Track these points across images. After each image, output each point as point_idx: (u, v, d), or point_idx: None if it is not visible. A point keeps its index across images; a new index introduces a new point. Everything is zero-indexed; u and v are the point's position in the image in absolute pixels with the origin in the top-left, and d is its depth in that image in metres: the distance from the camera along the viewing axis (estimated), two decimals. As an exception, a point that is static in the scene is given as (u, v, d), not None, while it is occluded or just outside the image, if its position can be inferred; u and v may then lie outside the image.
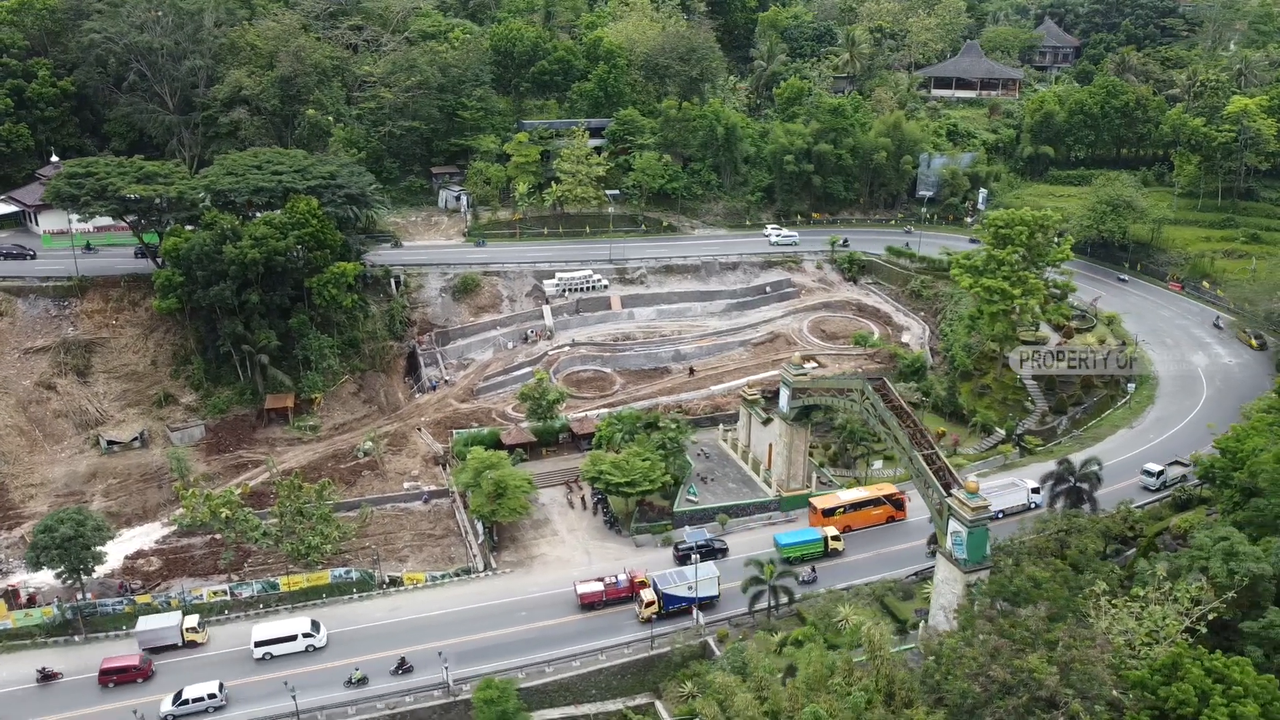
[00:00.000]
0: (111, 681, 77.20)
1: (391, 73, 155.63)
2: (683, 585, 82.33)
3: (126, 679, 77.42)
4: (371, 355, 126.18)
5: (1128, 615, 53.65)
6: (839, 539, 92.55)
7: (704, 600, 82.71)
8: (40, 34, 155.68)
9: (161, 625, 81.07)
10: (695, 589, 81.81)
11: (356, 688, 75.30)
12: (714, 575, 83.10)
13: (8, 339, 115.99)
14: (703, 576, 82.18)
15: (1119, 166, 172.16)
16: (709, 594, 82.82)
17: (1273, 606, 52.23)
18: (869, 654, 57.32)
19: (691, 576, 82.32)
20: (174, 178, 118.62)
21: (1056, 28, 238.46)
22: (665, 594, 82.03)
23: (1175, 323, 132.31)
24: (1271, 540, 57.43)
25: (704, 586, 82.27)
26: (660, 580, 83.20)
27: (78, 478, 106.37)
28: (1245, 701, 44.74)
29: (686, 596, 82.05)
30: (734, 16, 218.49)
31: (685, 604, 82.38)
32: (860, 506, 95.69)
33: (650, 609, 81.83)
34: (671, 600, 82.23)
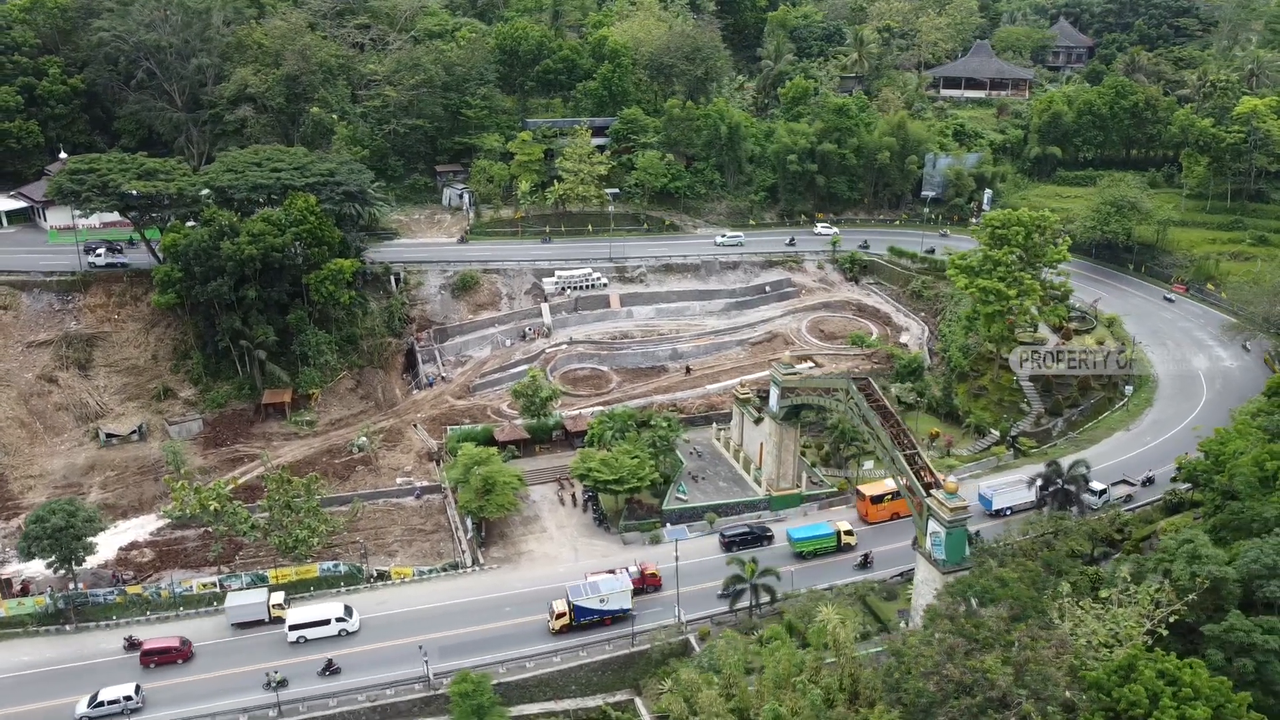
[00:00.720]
0: (153, 662, 78.63)
1: (396, 71, 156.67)
2: (595, 598, 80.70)
3: (167, 660, 78.84)
4: (370, 351, 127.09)
5: (1091, 617, 53.41)
6: (851, 533, 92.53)
7: (616, 614, 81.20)
8: (52, 32, 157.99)
9: (249, 602, 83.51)
10: (606, 601, 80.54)
11: (275, 690, 74.09)
12: (626, 589, 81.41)
13: (11, 332, 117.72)
14: (615, 589, 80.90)
15: (1128, 168, 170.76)
16: (621, 607, 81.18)
17: (1235, 610, 51.84)
18: (833, 653, 57.29)
19: (604, 589, 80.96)
20: (175, 174, 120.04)
21: (1070, 27, 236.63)
22: (577, 606, 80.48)
23: (1178, 325, 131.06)
24: (1244, 543, 56.93)
25: (617, 600, 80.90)
26: (572, 592, 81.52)
27: (76, 470, 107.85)
28: (1195, 704, 44.46)
29: (598, 609, 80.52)
30: (744, 16, 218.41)
31: (597, 616, 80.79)
32: (896, 496, 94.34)
33: (561, 620, 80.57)
34: (583, 613, 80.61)
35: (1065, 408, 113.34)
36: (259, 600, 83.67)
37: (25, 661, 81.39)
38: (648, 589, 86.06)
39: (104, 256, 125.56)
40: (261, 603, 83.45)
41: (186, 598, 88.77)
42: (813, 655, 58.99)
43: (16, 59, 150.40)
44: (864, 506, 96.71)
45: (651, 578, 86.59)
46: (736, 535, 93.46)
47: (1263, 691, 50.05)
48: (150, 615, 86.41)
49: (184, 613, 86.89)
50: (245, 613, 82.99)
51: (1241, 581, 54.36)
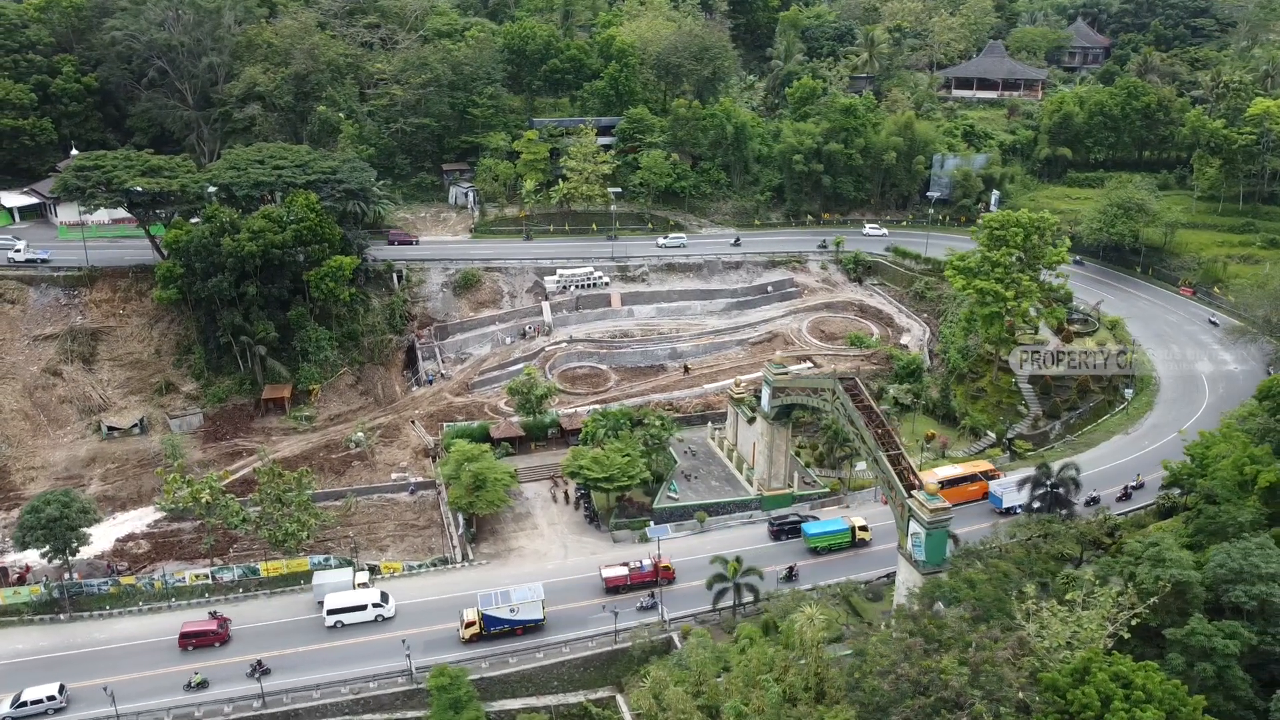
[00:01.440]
0: (190, 645, 79.95)
1: (404, 70, 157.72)
2: (505, 607, 79.71)
3: (204, 643, 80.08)
4: (371, 348, 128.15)
5: (1056, 620, 53.07)
6: (866, 529, 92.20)
7: (527, 624, 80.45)
8: (67, 31, 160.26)
9: (335, 581, 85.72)
10: (517, 611, 79.82)
11: (195, 691, 74.89)
12: (539, 599, 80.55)
13: (18, 326, 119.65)
14: (527, 599, 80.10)
15: (1140, 169, 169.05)
16: (533, 617, 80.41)
17: (1197, 614, 51.29)
18: (800, 652, 57.26)
19: (515, 599, 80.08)
20: (179, 172, 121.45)
21: (1087, 28, 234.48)
22: (487, 615, 79.56)
23: (1183, 328, 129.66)
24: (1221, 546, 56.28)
25: (528, 610, 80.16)
26: (483, 601, 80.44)
27: (77, 462, 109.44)
28: (1146, 707, 44.05)
29: (509, 619, 79.73)
30: (756, 16, 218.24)
31: (508, 626, 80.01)
32: (957, 483, 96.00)
33: (471, 629, 79.74)
34: (493, 622, 79.80)
35: (1063, 410, 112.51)
36: (344, 580, 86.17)
37: (19, 650, 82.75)
38: (660, 582, 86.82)
39: (23, 253, 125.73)
40: (347, 582, 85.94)
41: (179, 589, 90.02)
42: (781, 654, 58.95)
43: (31, 57, 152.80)
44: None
45: (665, 570, 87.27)
46: (784, 524, 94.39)
47: (1224, 696, 49.57)
48: (142, 606, 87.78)
49: (175, 604, 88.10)
50: (331, 590, 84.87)
51: (1210, 585, 53.81)
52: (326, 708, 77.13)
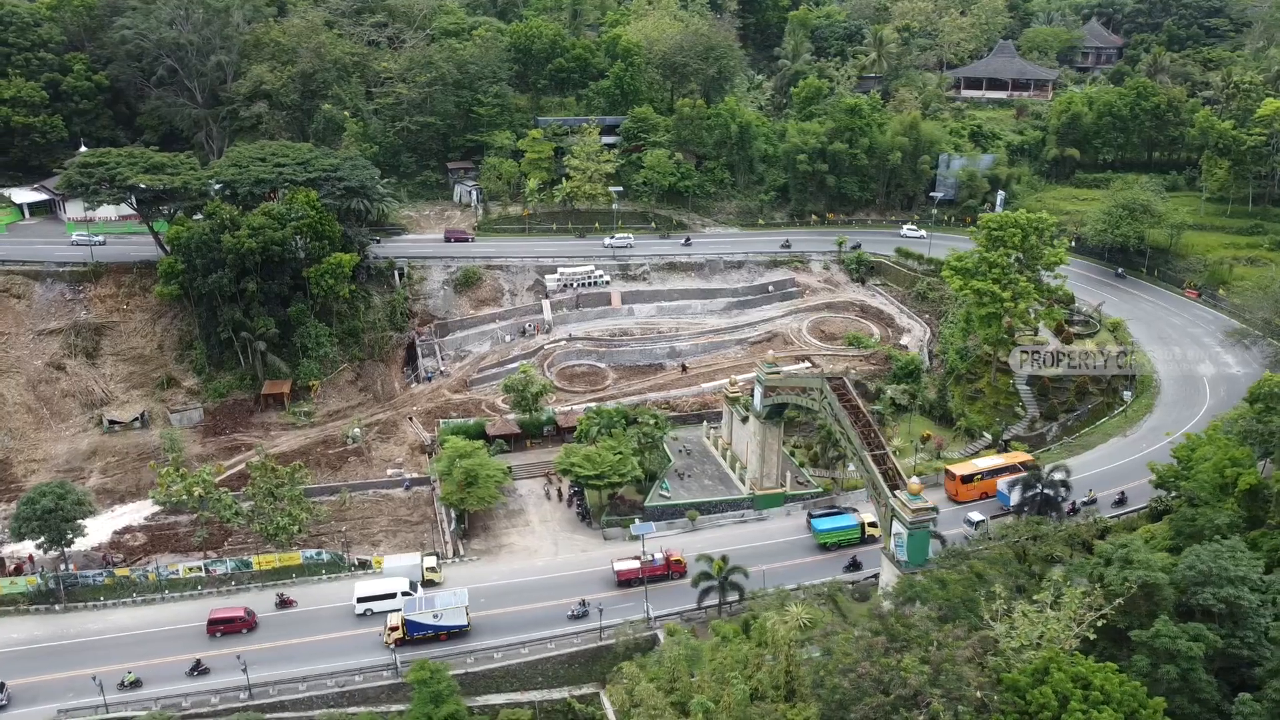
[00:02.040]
0: (219, 631, 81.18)
1: (409, 69, 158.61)
2: (429, 613, 79.47)
3: (232, 629, 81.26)
4: (371, 345, 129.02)
5: (1025, 620, 52.88)
6: (875, 525, 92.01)
7: (451, 629, 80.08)
8: (79, 30, 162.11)
9: (404, 565, 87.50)
10: (440, 617, 79.67)
11: (129, 690, 75.02)
12: (462, 605, 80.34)
13: (24, 321, 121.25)
14: (450, 605, 79.92)
15: (1150, 170, 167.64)
16: (457, 623, 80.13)
17: (1163, 616, 50.94)
18: (772, 650, 57.34)
19: (439, 604, 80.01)
20: (181, 169, 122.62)
21: (1100, 28, 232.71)
22: (409, 620, 79.39)
23: (1187, 331, 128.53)
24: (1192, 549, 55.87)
25: (451, 616, 79.87)
26: (407, 606, 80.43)
27: (79, 455, 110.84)
28: (1104, 708, 43.86)
29: (432, 625, 79.46)
30: (766, 15, 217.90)
31: (431, 631, 79.62)
32: (997, 473, 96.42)
33: (395, 634, 79.57)
34: (415, 627, 79.52)
35: (1061, 412, 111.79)
36: (413, 564, 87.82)
37: (14, 639, 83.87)
38: (672, 575, 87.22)
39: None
40: (416, 565, 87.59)
41: (172, 581, 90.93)
42: (754, 652, 59.08)
43: (43, 56, 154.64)
44: (954, 486, 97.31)
45: (676, 564, 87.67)
46: (826, 514, 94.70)
47: (1189, 699, 49.25)
48: (136, 598, 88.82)
49: (169, 595, 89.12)
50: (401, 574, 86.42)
51: (1182, 588, 53.43)
52: (312, 700, 77.74)
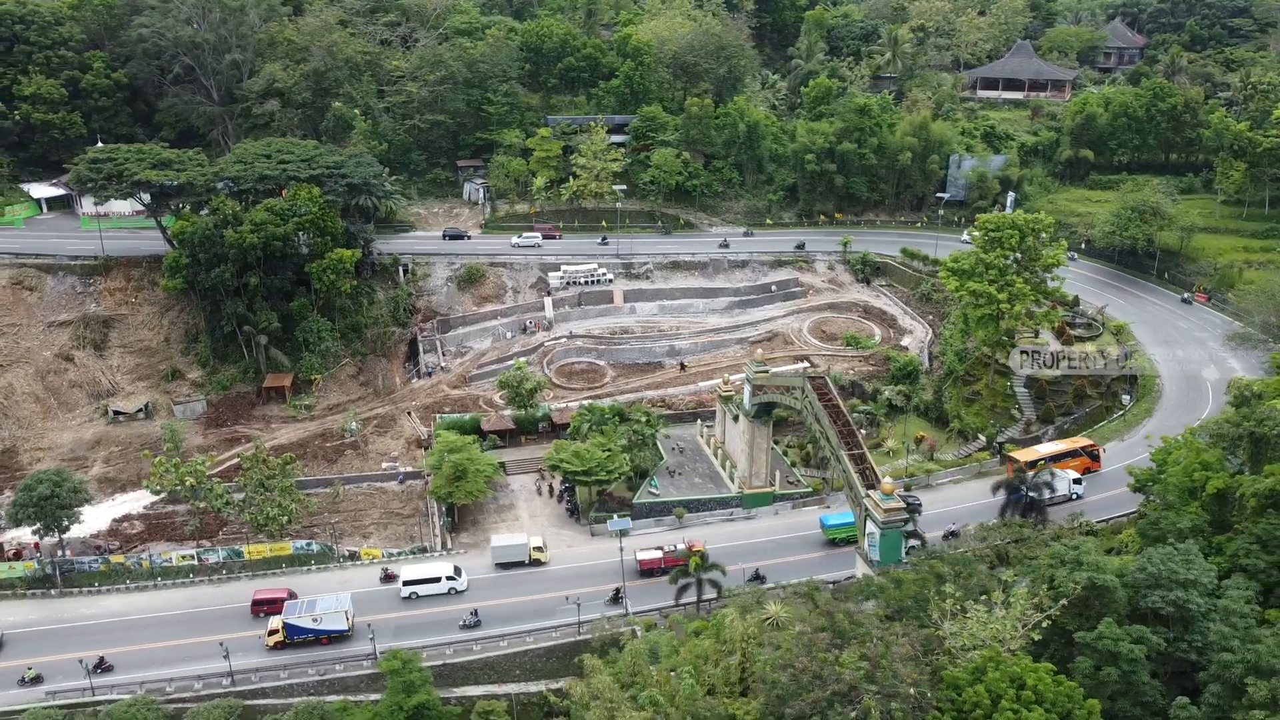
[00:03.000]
0: (262, 611, 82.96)
1: (419, 67, 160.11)
2: (308, 617, 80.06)
3: (275, 610, 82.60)
4: (374, 340, 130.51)
5: (975, 620, 52.70)
6: None
7: (331, 634, 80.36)
8: (99, 28, 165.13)
9: (512, 544, 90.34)
10: (319, 622, 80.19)
11: (29, 687, 75.71)
12: (341, 610, 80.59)
13: (35, 312, 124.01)
14: (329, 610, 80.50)
15: (1166, 172, 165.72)
16: (336, 628, 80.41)
17: (1107, 618, 50.51)
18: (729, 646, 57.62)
19: (319, 609, 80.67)
20: (189, 165, 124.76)
21: (1123, 28, 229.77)
22: (288, 624, 79.76)
23: (1193, 334, 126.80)
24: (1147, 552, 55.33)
25: (331, 620, 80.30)
26: (287, 609, 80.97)
27: (83, 444, 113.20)
28: (1035, 708, 43.64)
29: (311, 629, 79.92)
30: (783, 15, 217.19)
31: (311, 635, 80.00)
32: (1059, 459, 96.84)
33: (275, 637, 79.97)
34: (295, 631, 79.86)
35: (1058, 415, 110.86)
36: (521, 543, 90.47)
37: (10, 621, 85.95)
38: None
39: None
40: (523, 544, 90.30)
41: (166, 569, 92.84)
42: (713, 648, 59.34)
43: (63, 54, 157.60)
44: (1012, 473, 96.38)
45: (699, 554, 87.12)
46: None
47: (1131, 701, 48.84)
48: (130, 584, 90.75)
49: (161, 583, 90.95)
50: (508, 554, 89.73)
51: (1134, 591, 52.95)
52: (293, 688, 79.06)
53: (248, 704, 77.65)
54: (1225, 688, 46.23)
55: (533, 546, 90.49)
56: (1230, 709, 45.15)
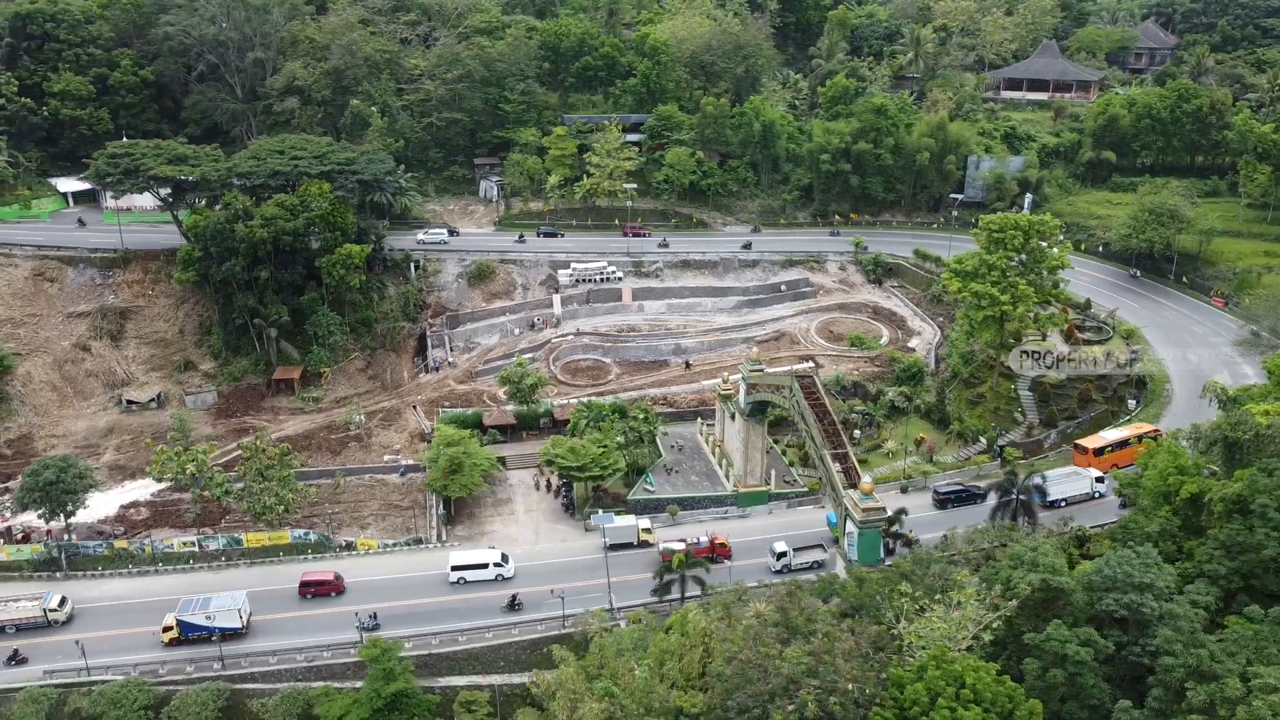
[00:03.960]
0: (310, 593, 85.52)
1: (437, 66, 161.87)
2: (201, 614, 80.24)
3: (322, 592, 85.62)
4: (383, 335, 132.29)
5: (932, 619, 52.47)
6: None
7: (224, 631, 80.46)
8: (128, 27, 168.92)
9: (623, 525, 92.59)
10: (213, 619, 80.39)
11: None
12: (236, 608, 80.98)
13: (55, 303, 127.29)
14: (223, 608, 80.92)
15: (1191, 174, 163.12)
16: (230, 625, 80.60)
17: (1056, 620, 49.98)
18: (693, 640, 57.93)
19: (213, 606, 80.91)
20: (203, 160, 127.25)
21: (1156, 28, 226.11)
22: (182, 621, 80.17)
23: (1207, 339, 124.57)
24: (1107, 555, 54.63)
25: (225, 618, 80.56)
26: (181, 606, 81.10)
27: (96, 432, 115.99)
28: (972, 707, 43.39)
29: (204, 626, 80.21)
30: (807, 15, 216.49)
31: (205, 633, 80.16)
32: (1124, 445, 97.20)
33: (169, 634, 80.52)
34: (189, 628, 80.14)
35: (1061, 419, 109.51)
36: (630, 524, 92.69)
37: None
38: (717, 559, 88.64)
39: None
40: (633, 526, 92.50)
41: (167, 554, 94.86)
42: (678, 642, 59.71)
43: (92, 52, 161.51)
44: (1085, 460, 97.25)
45: (721, 548, 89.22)
46: (950, 492, 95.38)
47: (1080, 704, 48.34)
48: (132, 569, 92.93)
49: (163, 568, 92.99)
50: (619, 534, 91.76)
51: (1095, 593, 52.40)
52: (281, 673, 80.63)
53: (236, 688, 79.54)
54: (1167, 691, 45.72)
55: (641, 528, 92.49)
56: (1172, 713, 44.66)
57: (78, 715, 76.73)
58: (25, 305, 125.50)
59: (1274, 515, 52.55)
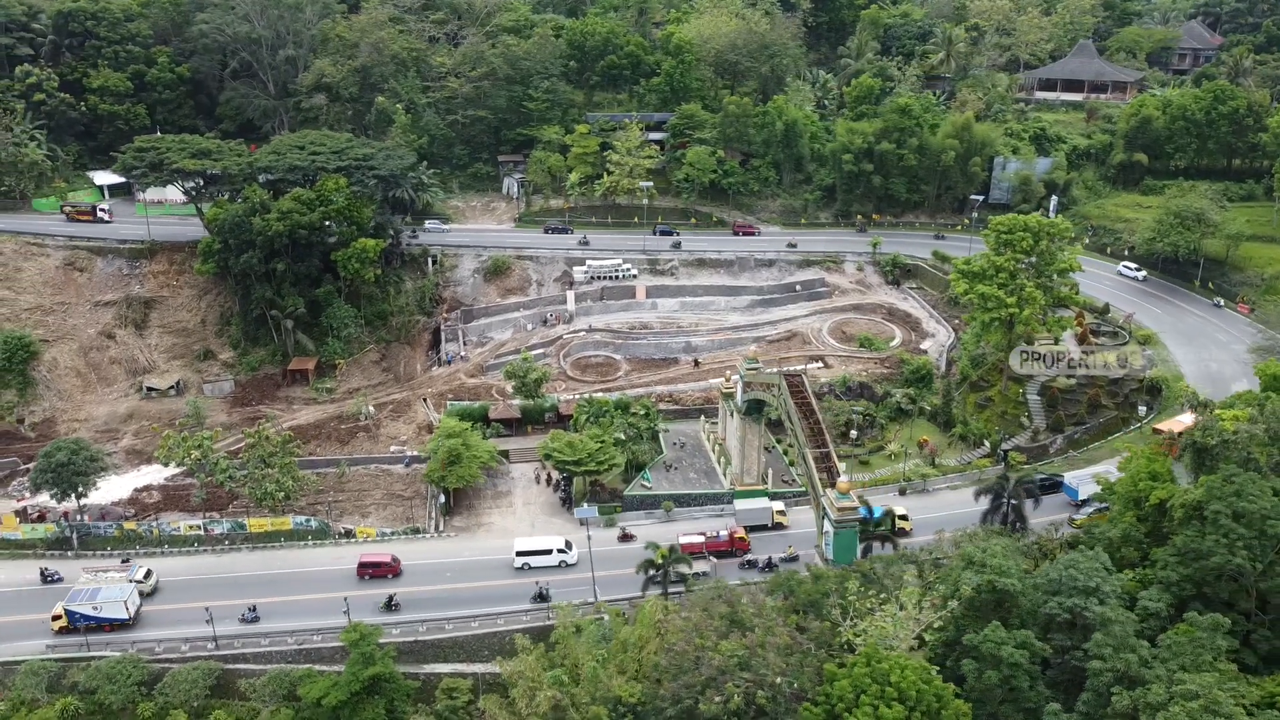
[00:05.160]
0: (368, 574, 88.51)
1: (461, 64, 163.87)
2: (89, 605, 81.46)
3: (379, 574, 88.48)
4: (399, 328, 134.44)
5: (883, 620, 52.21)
6: (906, 518, 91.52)
7: (112, 621, 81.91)
8: (166, 25, 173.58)
9: (757, 507, 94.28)
10: (100, 610, 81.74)
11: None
12: (121, 599, 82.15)
13: (84, 292, 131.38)
14: (112, 598, 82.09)
15: (1227, 178, 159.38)
16: (116, 616, 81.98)
17: (995, 622, 49.39)
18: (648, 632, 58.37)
19: (100, 597, 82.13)
20: (226, 155, 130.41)
21: (1201, 28, 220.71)
22: (69, 610, 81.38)
23: (1229, 346, 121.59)
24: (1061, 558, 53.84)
25: (111, 609, 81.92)
26: (70, 597, 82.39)
27: (116, 417, 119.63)
28: (895, 704, 43.18)
29: (92, 616, 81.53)
30: (841, 14, 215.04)
31: (94, 622, 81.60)
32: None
33: (59, 622, 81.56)
34: (76, 617, 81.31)
35: (1068, 425, 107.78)
36: (764, 507, 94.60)
37: (26, 579, 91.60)
38: (735, 552, 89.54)
39: None
40: (766, 508, 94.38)
41: (173, 537, 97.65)
42: (637, 634, 60.24)
43: (130, 49, 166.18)
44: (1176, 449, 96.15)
45: (740, 541, 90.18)
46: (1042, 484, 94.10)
47: (1015, 707, 47.77)
48: (139, 549, 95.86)
49: (168, 550, 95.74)
50: (753, 517, 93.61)
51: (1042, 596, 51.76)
52: (271, 655, 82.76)
53: (227, 668, 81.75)
54: (1096, 696, 45.08)
55: (775, 510, 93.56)
56: (1098, 717, 44.01)
57: (75, 688, 79.54)
58: (55, 293, 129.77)
59: (1225, 522, 51.37)
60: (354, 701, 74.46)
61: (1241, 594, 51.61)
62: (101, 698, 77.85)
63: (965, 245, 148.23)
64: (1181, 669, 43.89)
